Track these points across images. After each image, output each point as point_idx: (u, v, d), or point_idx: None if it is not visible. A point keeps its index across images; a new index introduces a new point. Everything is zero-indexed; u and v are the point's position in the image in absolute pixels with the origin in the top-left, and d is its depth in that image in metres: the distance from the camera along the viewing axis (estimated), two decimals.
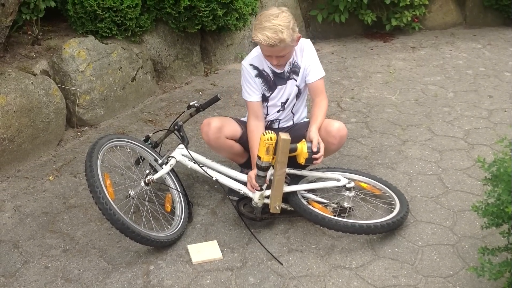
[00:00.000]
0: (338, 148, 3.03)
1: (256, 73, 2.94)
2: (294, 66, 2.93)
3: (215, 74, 5.35)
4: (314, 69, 2.93)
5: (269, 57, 2.83)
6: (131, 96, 4.52)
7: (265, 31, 2.65)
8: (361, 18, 6.33)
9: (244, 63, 2.97)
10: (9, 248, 2.80)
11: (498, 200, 2.01)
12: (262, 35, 2.66)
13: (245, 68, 2.95)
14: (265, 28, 2.66)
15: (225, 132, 2.97)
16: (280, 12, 2.70)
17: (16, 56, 3.89)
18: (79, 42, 4.06)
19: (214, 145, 3.03)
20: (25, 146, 3.60)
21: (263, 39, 2.66)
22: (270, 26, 2.65)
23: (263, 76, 2.95)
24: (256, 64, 2.95)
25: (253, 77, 2.94)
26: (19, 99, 3.49)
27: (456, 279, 2.50)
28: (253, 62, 2.95)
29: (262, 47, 2.79)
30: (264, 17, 2.69)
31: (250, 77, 2.94)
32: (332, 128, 2.89)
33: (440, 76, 5.16)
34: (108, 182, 2.70)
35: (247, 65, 2.95)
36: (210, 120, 3.02)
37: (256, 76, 2.95)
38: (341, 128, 2.90)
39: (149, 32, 4.73)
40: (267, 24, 2.66)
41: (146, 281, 2.54)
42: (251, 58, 2.96)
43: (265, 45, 2.69)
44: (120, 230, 2.51)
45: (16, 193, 3.31)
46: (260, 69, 2.94)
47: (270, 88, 2.97)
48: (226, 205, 3.13)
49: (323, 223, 2.72)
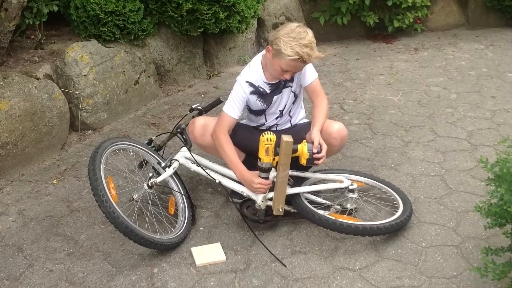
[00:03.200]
0: (339, 149, 3.04)
1: (252, 90, 2.89)
2: None
3: (217, 77, 5.36)
4: (308, 71, 2.92)
5: (286, 72, 2.75)
6: (134, 100, 4.53)
7: (305, 48, 2.63)
8: (363, 20, 6.33)
9: (240, 80, 2.89)
10: (13, 252, 2.81)
11: (501, 200, 2.01)
12: (302, 52, 2.62)
13: (240, 85, 2.88)
14: (305, 45, 2.63)
15: (210, 130, 2.96)
16: (306, 28, 2.70)
17: (19, 61, 3.90)
18: (82, 46, 4.07)
19: (201, 143, 3.03)
20: (29, 150, 3.61)
21: (304, 55, 2.63)
22: (307, 43, 2.64)
23: (258, 92, 2.90)
24: (252, 81, 2.88)
25: (247, 95, 2.88)
26: (22, 103, 3.50)
27: (460, 280, 2.49)
28: (249, 79, 2.89)
29: (288, 63, 2.68)
30: (296, 33, 2.65)
31: (242, 95, 2.87)
32: (333, 129, 2.89)
33: (443, 77, 5.15)
34: (112, 185, 2.70)
35: (243, 82, 2.88)
36: (196, 119, 3.03)
37: (251, 93, 2.89)
38: (341, 129, 2.90)
39: (151, 36, 4.75)
40: (304, 42, 2.64)
41: (150, 284, 2.54)
42: (247, 75, 2.89)
43: (299, 61, 2.65)
44: (124, 233, 2.52)
45: (20, 197, 3.32)
46: (256, 86, 2.89)
47: (266, 101, 2.94)
48: (229, 207, 3.14)
49: (326, 225, 2.72)
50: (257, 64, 2.90)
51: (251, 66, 2.91)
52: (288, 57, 2.65)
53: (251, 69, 2.90)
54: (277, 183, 2.73)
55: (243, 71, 2.92)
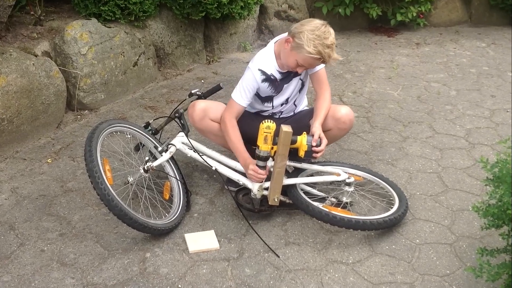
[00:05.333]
0: (347, 132, 3.06)
1: (264, 78, 2.87)
2: None
3: (217, 62, 5.32)
4: None
5: (300, 67, 2.75)
6: (132, 81, 4.49)
7: (327, 49, 2.64)
8: (366, 11, 6.29)
9: (253, 67, 2.86)
10: (5, 230, 2.79)
11: (500, 202, 2.00)
12: (324, 52, 2.63)
13: (252, 73, 2.85)
14: (327, 46, 2.64)
15: (210, 114, 2.94)
16: (330, 28, 2.70)
17: (17, 36, 3.85)
18: (82, 25, 4.02)
19: (199, 126, 3.01)
20: (24, 128, 3.57)
21: (325, 56, 2.64)
22: (330, 44, 2.65)
23: (270, 80, 2.89)
24: (264, 69, 2.86)
25: (258, 83, 2.86)
26: (19, 80, 3.45)
27: (453, 278, 2.49)
28: (261, 67, 2.86)
29: (306, 60, 2.68)
30: (321, 31, 2.65)
31: (253, 84, 2.85)
32: (340, 113, 2.91)
33: (444, 74, 5.13)
34: (107, 167, 2.68)
35: (256, 70, 2.85)
36: (196, 102, 3.01)
37: (263, 81, 2.87)
38: (348, 112, 2.93)
39: (152, 18, 4.69)
40: (328, 42, 2.64)
41: (142, 268, 2.53)
42: (260, 63, 2.87)
43: (318, 59, 2.66)
44: (118, 216, 2.50)
45: (14, 175, 3.29)
46: (268, 74, 2.87)
47: (276, 88, 2.93)
48: (224, 195, 3.12)
49: (320, 217, 2.71)
50: (270, 51, 2.88)
51: (264, 53, 2.89)
52: (308, 54, 2.64)
53: (264, 56, 2.88)
54: (274, 173, 2.72)
55: (256, 58, 2.90)
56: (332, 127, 2.91)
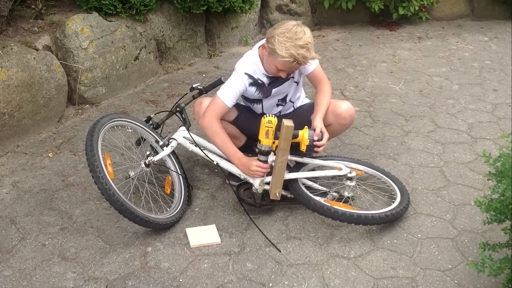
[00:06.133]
0: (348, 127, 3.03)
1: (251, 82, 2.82)
2: None
3: (218, 56, 5.31)
4: None
5: (281, 71, 2.68)
6: (133, 76, 4.48)
7: (301, 50, 2.53)
8: (368, 5, 6.26)
9: (239, 71, 2.80)
10: (6, 224, 2.78)
11: (502, 196, 1.99)
12: (297, 54, 2.53)
13: (240, 77, 2.80)
14: (301, 46, 2.53)
15: None
16: (304, 28, 2.59)
17: (18, 30, 3.84)
18: (83, 19, 4.00)
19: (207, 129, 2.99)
20: (25, 122, 3.57)
21: (299, 58, 2.54)
22: (303, 44, 2.54)
23: (257, 84, 2.84)
24: (251, 73, 2.81)
25: (246, 86, 2.81)
26: (20, 74, 3.45)
27: (455, 273, 2.49)
28: (248, 71, 2.80)
29: (284, 64, 2.61)
30: (292, 33, 2.55)
31: (241, 87, 2.79)
32: (341, 109, 2.87)
33: (446, 68, 5.11)
34: (108, 161, 2.67)
35: (242, 74, 2.80)
36: (203, 99, 2.99)
37: (250, 85, 2.83)
38: (349, 107, 2.89)
39: (153, 11, 4.67)
40: (300, 43, 2.53)
41: (143, 263, 2.53)
42: (246, 66, 2.80)
43: (294, 63, 2.57)
44: (119, 210, 2.50)
45: (15, 169, 3.29)
46: (255, 78, 2.82)
47: (264, 92, 2.89)
48: (226, 189, 3.12)
49: (322, 211, 2.70)
50: (255, 55, 2.81)
51: (249, 57, 2.82)
52: (282, 58, 2.57)
53: (249, 60, 2.82)
54: (275, 168, 2.71)
55: (241, 61, 2.83)
56: (333, 122, 2.89)
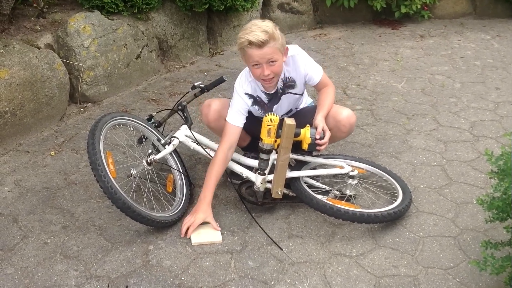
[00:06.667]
0: (347, 135, 3.01)
1: (252, 101, 2.86)
2: (288, 81, 2.85)
3: (220, 55, 5.31)
4: (314, 71, 2.87)
5: (258, 68, 2.64)
6: (135, 74, 4.48)
7: (253, 32, 2.54)
8: (370, 4, 6.25)
9: (240, 92, 2.82)
10: (8, 222, 2.79)
11: (504, 195, 1.99)
12: (250, 35, 2.54)
13: (241, 98, 2.82)
14: (252, 31, 2.55)
15: (224, 115, 2.92)
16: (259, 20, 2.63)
17: (20, 29, 3.84)
18: (85, 17, 4.01)
19: (214, 127, 3.01)
20: (27, 120, 3.57)
21: (252, 37, 2.53)
22: (257, 28, 2.55)
23: (258, 103, 2.88)
24: (250, 92, 2.84)
25: (249, 106, 2.85)
26: (22, 72, 3.45)
27: (456, 271, 2.48)
28: (247, 91, 2.83)
29: (251, 55, 2.59)
30: (250, 24, 2.61)
31: (244, 107, 2.83)
32: (342, 116, 2.86)
33: (448, 66, 5.10)
34: (110, 160, 2.68)
35: (243, 95, 2.82)
36: (211, 101, 2.99)
37: (252, 104, 2.86)
38: (350, 115, 2.87)
39: (155, 10, 4.68)
40: (254, 27, 2.56)
41: (145, 261, 2.53)
42: (245, 87, 2.83)
43: (255, 45, 2.55)
44: (121, 209, 2.50)
45: (17, 167, 3.29)
46: (255, 96, 2.85)
47: (266, 111, 2.91)
48: (227, 188, 3.12)
49: (324, 210, 2.70)
50: (249, 75, 2.83)
51: (246, 77, 2.84)
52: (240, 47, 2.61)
53: (246, 80, 2.83)
54: (277, 166, 2.71)
55: (240, 81, 2.85)
56: (332, 127, 2.86)
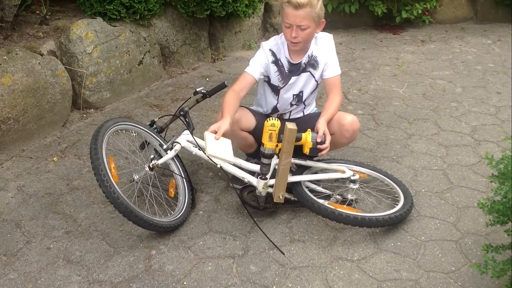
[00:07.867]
0: (350, 142, 3.02)
1: (273, 59, 2.94)
2: (312, 59, 2.92)
3: (222, 60, 5.33)
4: (332, 65, 2.94)
5: (288, 28, 2.75)
6: (138, 80, 4.50)
7: None
8: (371, 9, 6.28)
9: (265, 47, 2.95)
10: (11, 228, 2.80)
11: (505, 198, 1.99)
12: None
13: (264, 51, 2.94)
14: None
15: (241, 124, 2.95)
16: None
17: (23, 35, 3.87)
18: (87, 24, 4.03)
19: (229, 137, 3.01)
20: (30, 126, 3.59)
21: None
22: None
23: (278, 65, 2.94)
24: (275, 51, 2.94)
25: (269, 62, 2.93)
26: (25, 79, 3.47)
27: (458, 275, 2.49)
28: (272, 48, 2.95)
29: (286, 13, 2.71)
30: None
31: (264, 60, 2.93)
32: (345, 121, 2.87)
33: (449, 71, 5.12)
34: (113, 165, 2.69)
35: (267, 50, 2.94)
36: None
37: (272, 62, 2.94)
38: (354, 121, 2.89)
39: (157, 16, 4.70)
40: None
41: (147, 266, 2.54)
42: (272, 44, 2.96)
43: (292, 4, 2.65)
44: (123, 214, 2.51)
45: (20, 173, 3.31)
46: (277, 58, 2.94)
47: (284, 78, 2.95)
48: (229, 192, 3.13)
49: (326, 214, 2.71)
50: (279, 37, 2.95)
51: (275, 39, 2.97)
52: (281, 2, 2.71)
53: (276, 40, 2.96)
54: (279, 171, 2.72)
55: (270, 39, 2.99)
56: (336, 132, 2.88)
